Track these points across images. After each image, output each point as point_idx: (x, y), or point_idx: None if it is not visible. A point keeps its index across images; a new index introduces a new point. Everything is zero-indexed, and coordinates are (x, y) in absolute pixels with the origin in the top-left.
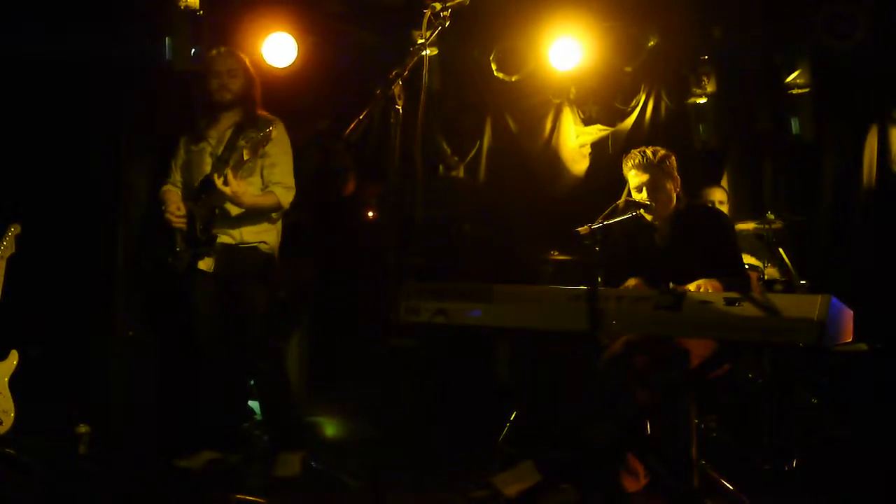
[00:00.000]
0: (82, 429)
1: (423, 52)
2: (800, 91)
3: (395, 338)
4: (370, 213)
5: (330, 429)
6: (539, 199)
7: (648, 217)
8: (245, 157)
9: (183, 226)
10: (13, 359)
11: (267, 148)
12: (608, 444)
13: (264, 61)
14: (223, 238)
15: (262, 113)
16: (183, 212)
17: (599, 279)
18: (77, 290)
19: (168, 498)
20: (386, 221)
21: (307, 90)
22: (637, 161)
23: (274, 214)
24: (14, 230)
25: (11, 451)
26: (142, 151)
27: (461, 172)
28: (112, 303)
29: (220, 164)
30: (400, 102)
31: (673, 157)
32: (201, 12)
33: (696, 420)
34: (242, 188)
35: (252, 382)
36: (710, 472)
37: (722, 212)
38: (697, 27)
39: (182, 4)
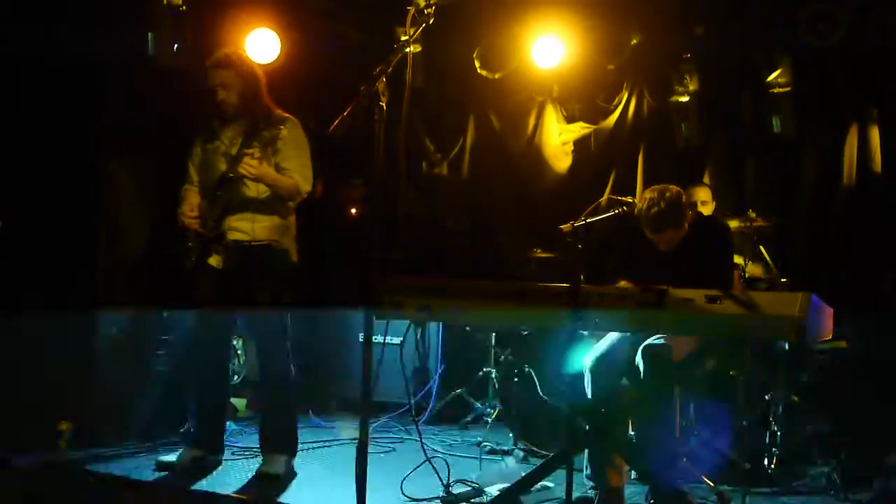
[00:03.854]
0: (63, 425)
1: (407, 49)
2: (781, 90)
3: (377, 332)
4: (353, 210)
5: (312, 427)
6: (522, 196)
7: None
8: (257, 156)
9: (193, 224)
10: None
11: (278, 145)
12: (592, 441)
13: (247, 57)
14: (235, 235)
15: (277, 111)
16: (196, 212)
17: (582, 276)
18: (59, 286)
19: (151, 495)
20: (369, 218)
21: (290, 86)
22: (652, 226)
23: (291, 203)
24: None
25: None
26: (124, 147)
27: (444, 169)
28: (94, 299)
29: (234, 162)
30: (383, 99)
31: (682, 195)
32: (184, 7)
33: (678, 417)
34: (265, 167)
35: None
36: (692, 469)
37: (729, 228)
38: (680, 26)
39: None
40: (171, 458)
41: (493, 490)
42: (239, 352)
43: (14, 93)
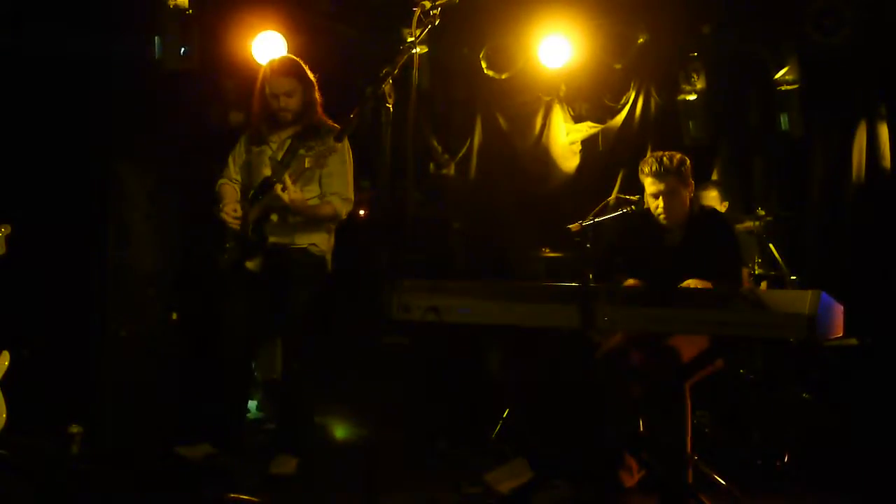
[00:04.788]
0: (74, 429)
1: (413, 51)
2: (788, 87)
3: (387, 336)
4: (361, 212)
5: (324, 428)
6: (530, 196)
7: (664, 222)
8: (307, 166)
9: (237, 225)
10: (5, 359)
11: (328, 159)
12: (602, 440)
13: (254, 60)
14: (274, 238)
15: (324, 119)
16: (239, 212)
17: (591, 276)
18: (68, 290)
19: (162, 496)
20: (378, 220)
21: None
22: (654, 169)
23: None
24: (4, 231)
25: (4, 452)
26: (133, 150)
27: (452, 170)
28: (103, 302)
29: (279, 168)
30: (390, 101)
31: (689, 162)
32: (190, 11)
33: (689, 415)
34: (300, 196)
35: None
36: (703, 467)
37: (729, 222)
38: (686, 24)
39: (171, 3)
40: (188, 450)
41: (505, 489)
42: None
43: (22, 96)
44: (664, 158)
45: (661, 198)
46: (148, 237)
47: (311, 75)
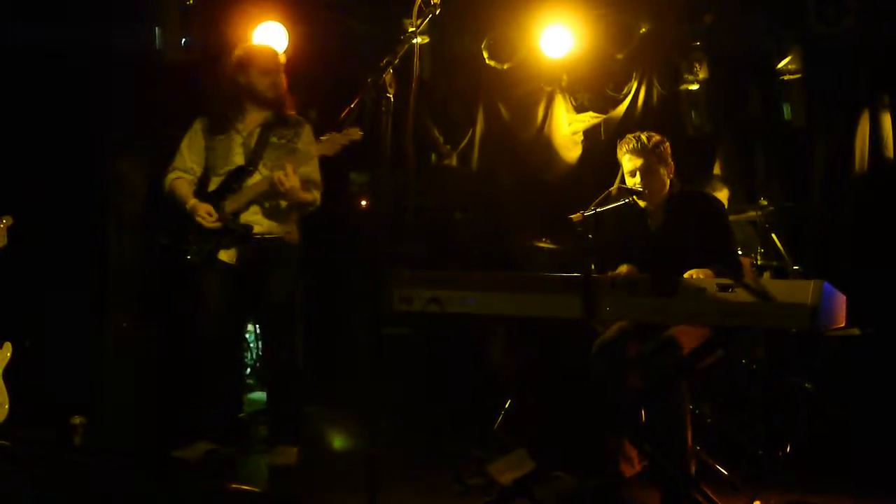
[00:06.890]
0: (77, 420)
1: (414, 41)
2: (791, 77)
3: (388, 327)
4: (363, 203)
5: (325, 418)
6: (532, 186)
7: (642, 203)
8: (289, 171)
9: (216, 225)
10: (7, 350)
11: (299, 146)
12: (602, 431)
13: None
14: (257, 228)
15: (291, 112)
16: (214, 214)
17: (593, 266)
18: (70, 282)
19: (164, 488)
20: (379, 210)
21: (298, 79)
22: (631, 146)
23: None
24: (5, 222)
25: (6, 443)
26: (133, 143)
27: (454, 161)
28: (105, 294)
29: (253, 156)
30: (391, 91)
31: (667, 143)
32: (191, 2)
33: (690, 406)
34: (298, 183)
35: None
36: (705, 457)
37: (716, 198)
38: (689, 13)
39: None
40: (185, 452)
41: (507, 480)
42: (251, 345)
43: (21, 89)
44: (642, 136)
45: (637, 175)
46: (149, 231)
47: None
